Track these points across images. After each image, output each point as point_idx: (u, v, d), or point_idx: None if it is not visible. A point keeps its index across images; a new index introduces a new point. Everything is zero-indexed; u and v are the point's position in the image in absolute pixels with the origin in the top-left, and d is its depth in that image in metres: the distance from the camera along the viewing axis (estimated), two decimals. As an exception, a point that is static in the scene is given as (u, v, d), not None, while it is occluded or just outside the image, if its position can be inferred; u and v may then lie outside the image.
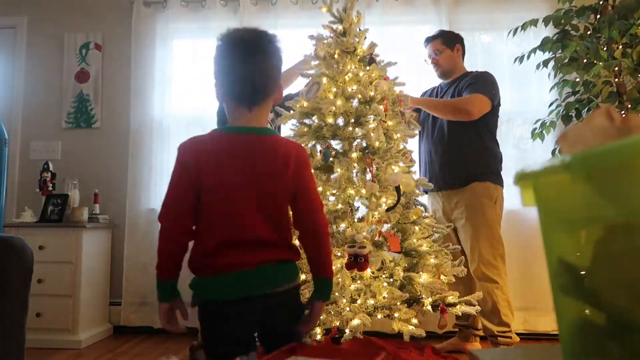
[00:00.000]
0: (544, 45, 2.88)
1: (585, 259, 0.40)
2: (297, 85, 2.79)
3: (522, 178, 0.45)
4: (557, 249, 0.44)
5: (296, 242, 1.44)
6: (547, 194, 0.43)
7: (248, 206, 1.15)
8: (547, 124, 2.95)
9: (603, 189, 0.35)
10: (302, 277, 2.06)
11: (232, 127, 1.21)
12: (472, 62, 3.29)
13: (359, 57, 2.65)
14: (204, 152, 1.17)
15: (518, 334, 3.02)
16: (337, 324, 2.25)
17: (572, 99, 2.95)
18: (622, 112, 2.61)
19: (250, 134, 1.18)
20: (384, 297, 2.27)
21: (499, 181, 2.69)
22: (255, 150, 1.17)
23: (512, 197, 3.19)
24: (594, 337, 0.40)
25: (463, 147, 2.63)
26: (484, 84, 2.65)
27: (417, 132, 2.70)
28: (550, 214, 0.44)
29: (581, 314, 0.41)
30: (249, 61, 1.16)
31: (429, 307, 2.33)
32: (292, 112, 2.58)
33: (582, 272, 0.41)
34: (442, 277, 2.40)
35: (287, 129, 2.69)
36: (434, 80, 3.11)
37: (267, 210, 1.17)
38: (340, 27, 2.69)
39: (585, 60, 2.73)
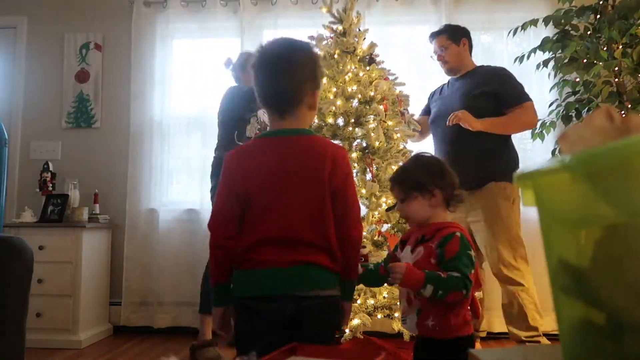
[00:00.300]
0: (544, 45, 2.88)
1: (586, 259, 0.40)
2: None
3: (522, 178, 0.45)
4: (557, 249, 0.44)
5: None
6: (547, 194, 0.43)
7: (286, 205, 1.18)
8: (547, 124, 2.95)
9: (603, 189, 0.35)
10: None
11: (269, 132, 1.30)
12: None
13: (358, 57, 2.65)
14: (246, 158, 1.24)
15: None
16: (337, 324, 2.24)
17: (572, 99, 2.95)
18: (622, 112, 2.61)
19: (286, 136, 1.24)
20: (384, 297, 2.27)
21: None
22: (291, 150, 1.21)
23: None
24: (594, 337, 0.40)
25: (478, 146, 2.50)
26: (518, 90, 2.57)
27: (417, 132, 2.69)
28: (551, 214, 0.44)
29: (581, 314, 0.41)
30: (278, 70, 1.23)
31: (429, 307, 2.33)
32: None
33: (582, 272, 0.41)
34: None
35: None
36: (434, 80, 3.11)
37: (307, 210, 1.18)
38: (340, 27, 2.69)
39: (585, 60, 2.73)
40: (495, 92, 2.55)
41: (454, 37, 2.72)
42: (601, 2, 2.79)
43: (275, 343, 1.07)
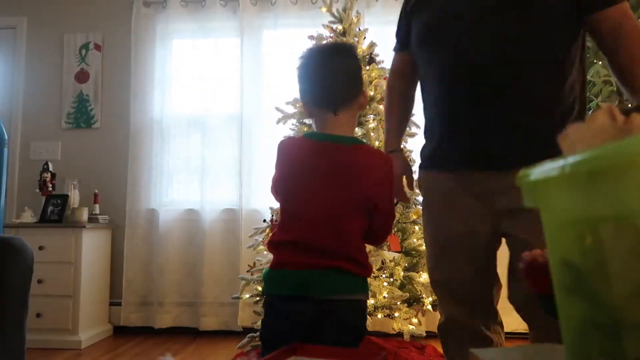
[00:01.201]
0: (544, 44, 2.87)
1: (589, 259, 0.40)
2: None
3: (524, 178, 0.45)
4: (561, 250, 0.44)
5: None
6: (550, 194, 0.43)
7: (313, 211, 1.17)
8: (547, 123, 2.94)
9: (605, 189, 0.35)
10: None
11: (315, 134, 1.23)
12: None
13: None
14: (288, 154, 1.23)
15: (518, 334, 3.02)
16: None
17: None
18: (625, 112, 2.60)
19: (332, 143, 1.19)
20: (384, 297, 2.27)
21: None
22: (332, 160, 1.18)
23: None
24: (597, 337, 0.40)
25: (551, 92, 1.23)
26: None
27: (417, 132, 2.68)
28: (553, 215, 0.44)
29: (585, 314, 0.41)
30: (328, 65, 1.20)
31: (429, 307, 2.33)
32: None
33: (585, 272, 0.41)
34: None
35: (287, 129, 2.70)
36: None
37: (333, 219, 1.16)
38: (339, 27, 2.69)
39: (585, 60, 2.73)
40: None
41: None
42: (601, 2, 2.79)
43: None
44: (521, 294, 1.25)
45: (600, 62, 2.65)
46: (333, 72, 1.19)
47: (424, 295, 2.33)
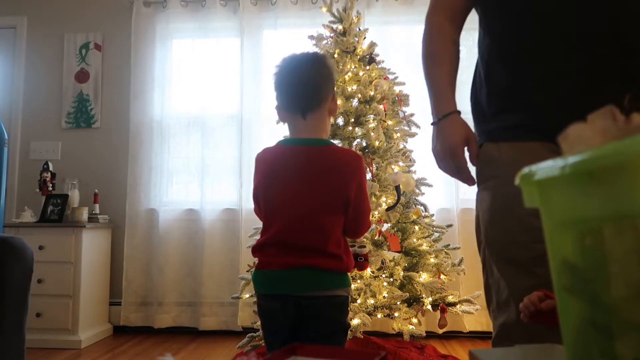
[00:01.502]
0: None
1: (589, 259, 0.40)
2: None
3: (524, 178, 0.45)
4: (561, 250, 0.44)
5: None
6: (550, 194, 0.43)
7: (291, 211, 1.23)
8: (547, 123, 2.94)
9: (605, 189, 0.35)
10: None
11: (287, 140, 1.34)
12: (472, 62, 3.29)
13: (358, 56, 2.65)
14: (264, 162, 1.31)
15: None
16: (337, 323, 2.24)
17: (572, 98, 2.95)
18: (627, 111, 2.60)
19: (302, 146, 1.27)
20: (384, 297, 2.27)
21: None
22: (304, 161, 1.26)
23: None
24: (598, 338, 0.40)
25: None
26: None
27: (417, 132, 2.68)
28: (554, 215, 0.44)
29: (585, 315, 0.41)
30: (297, 73, 1.27)
31: (429, 307, 2.33)
32: None
33: (585, 272, 0.41)
34: (442, 276, 2.40)
35: (287, 129, 2.70)
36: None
37: (311, 216, 1.22)
38: (340, 27, 2.69)
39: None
40: None
41: None
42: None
43: (285, 340, 1.20)
44: None
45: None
46: (301, 79, 1.26)
47: (423, 295, 2.33)
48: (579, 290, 0.41)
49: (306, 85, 1.26)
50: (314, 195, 1.22)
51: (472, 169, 1.17)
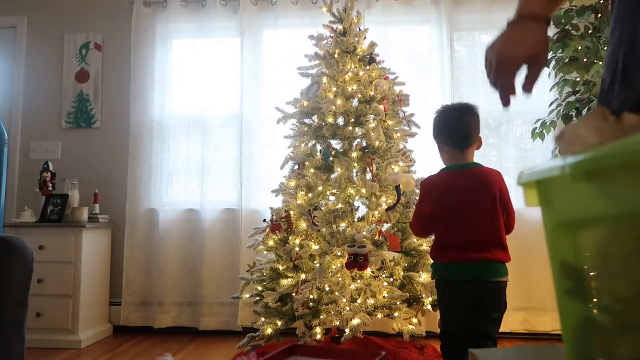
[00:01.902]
0: (544, 44, 2.86)
1: (589, 260, 0.40)
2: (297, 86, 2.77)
3: (525, 178, 0.45)
4: (561, 250, 0.44)
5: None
6: (550, 195, 0.43)
7: (464, 218, 1.66)
8: (548, 123, 2.94)
9: (604, 189, 0.35)
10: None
11: (450, 167, 1.78)
12: (472, 62, 3.29)
13: (358, 56, 2.65)
14: (435, 185, 1.76)
15: (518, 334, 3.02)
16: (337, 323, 2.25)
17: (572, 98, 2.95)
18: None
19: (465, 169, 1.74)
20: (384, 297, 2.27)
21: None
22: (467, 179, 1.71)
23: (511, 196, 3.19)
24: (598, 338, 0.40)
25: None
26: None
27: (417, 132, 2.68)
28: (554, 215, 0.44)
29: (585, 315, 0.41)
30: (459, 120, 1.75)
31: (429, 307, 2.33)
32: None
33: (585, 273, 0.41)
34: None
35: (287, 129, 2.70)
36: (434, 79, 3.11)
37: (478, 220, 1.65)
38: (340, 27, 2.69)
39: (585, 60, 2.73)
40: None
41: None
42: (601, 2, 2.79)
43: (465, 315, 1.63)
44: None
45: (601, 62, 2.65)
46: (461, 125, 1.74)
47: (423, 295, 2.33)
48: (578, 291, 0.41)
49: (465, 129, 1.73)
50: (482, 200, 1.66)
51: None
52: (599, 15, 2.80)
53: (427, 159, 2.77)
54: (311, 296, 2.24)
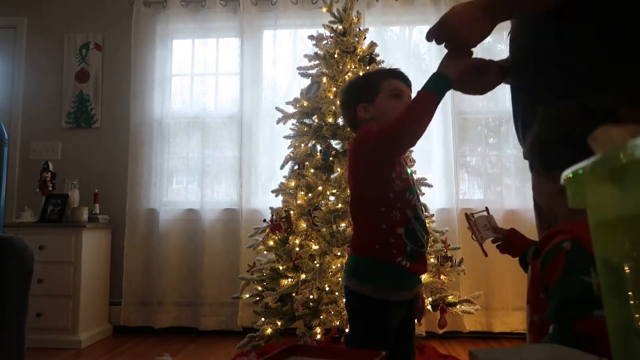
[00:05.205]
0: (544, 44, 2.86)
1: (628, 259, 0.40)
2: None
3: (569, 178, 0.44)
4: (601, 249, 0.44)
5: None
6: (590, 194, 0.43)
7: None
8: (547, 123, 2.94)
9: (631, 188, 0.35)
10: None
11: None
12: (472, 62, 3.29)
13: (358, 56, 2.65)
14: None
15: (518, 334, 3.02)
16: (337, 323, 2.25)
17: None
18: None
19: None
20: (384, 297, 2.26)
21: None
22: None
23: (511, 196, 3.19)
24: (636, 339, 0.39)
25: None
26: None
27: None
28: (594, 214, 0.43)
29: (626, 317, 0.41)
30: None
31: (429, 307, 2.33)
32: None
33: (623, 272, 0.40)
34: (442, 276, 2.40)
35: (287, 129, 2.70)
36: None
37: None
38: (340, 27, 2.69)
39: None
40: None
41: None
42: (601, 2, 2.79)
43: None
44: None
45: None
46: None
47: (423, 295, 2.33)
48: (618, 292, 0.41)
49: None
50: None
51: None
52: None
53: (427, 159, 2.78)
54: (311, 296, 2.24)
